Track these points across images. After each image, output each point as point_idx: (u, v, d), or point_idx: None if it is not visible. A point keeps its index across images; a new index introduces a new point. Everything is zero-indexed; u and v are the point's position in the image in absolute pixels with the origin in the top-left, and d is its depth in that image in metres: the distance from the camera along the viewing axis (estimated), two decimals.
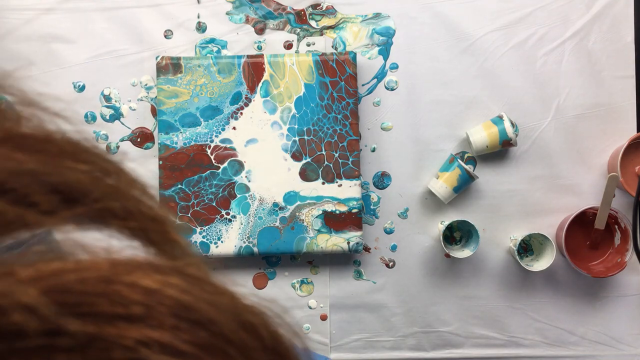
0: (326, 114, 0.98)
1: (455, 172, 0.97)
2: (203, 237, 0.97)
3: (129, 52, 1.02)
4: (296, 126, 0.98)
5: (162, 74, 0.98)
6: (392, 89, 1.02)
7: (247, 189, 0.97)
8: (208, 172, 0.97)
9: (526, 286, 1.03)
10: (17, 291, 0.16)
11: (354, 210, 0.97)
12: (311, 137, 0.98)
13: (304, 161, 0.98)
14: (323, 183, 0.98)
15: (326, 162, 0.98)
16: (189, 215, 0.97)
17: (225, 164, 0.97)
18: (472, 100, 1.02)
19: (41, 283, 0.16)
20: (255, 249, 0.97)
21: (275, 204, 0.97)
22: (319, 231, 0.97)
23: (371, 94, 1.02)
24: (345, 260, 1.02)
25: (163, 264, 0.20)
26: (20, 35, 1.02)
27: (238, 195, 0.97)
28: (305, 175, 0.98)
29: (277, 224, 0.97)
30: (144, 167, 1.01)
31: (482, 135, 0.98)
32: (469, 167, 0.98)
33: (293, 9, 1.03)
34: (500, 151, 1.01)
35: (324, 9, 1.03)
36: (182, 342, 0.17)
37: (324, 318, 1.03)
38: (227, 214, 0.97)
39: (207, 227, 0.97)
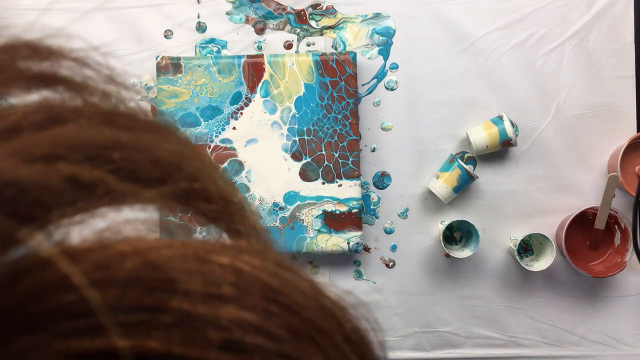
0: (326, 114, 0.98)
1: (455, 172, 0.97)
2: (203, 237, 0.97)
3: (129, 52, 1.02)
4: (296, 126, 0.98)
5: (162, 74, 0.98)
6: (392, 89, 1.02)
7: (247, 189, 0.97)
8: None
9: (526, 286, 1.02)
10: (115, 264, 0.16)
11: (354, 210, 0.97)
12: (311, 137, 0.98)
13: (304, 161, 0.98)
14: (323, 183, 0.98)
15: (326, 162, 0.98)
16: (189, 215, 0.97)
17: (225, 164, 0.97)
18: (472, 100, 1.02)
19: (138, 257, 0.16)
20: None
21: (275, 204, 0.97)
22: (319, 231, 0.97)
23: (371, 94, 1.02)
24: (345, 260, 1.02)
25: (249, 247, 0.20)
26: (20, 35, 1.02)
27: None
28: (305, 175, 0.98)
29: (277, 224, 0.97)
30: None
31: (482, 135, 0.98)
32: (469, 167, 0.98)
33: (293, 9, 1.03)
34: (500, 151, 1.01)
35: (324, 9, 1.03)
36: (274, 326, 0.17)
37: None
38: None
39: (207, 227, 0.97)
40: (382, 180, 1.02)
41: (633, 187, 0.96)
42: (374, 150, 1.02)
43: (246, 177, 0.97)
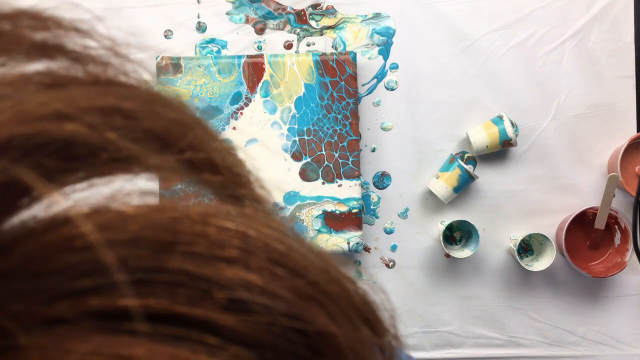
0: (326, 114, 0.98)
1: (455, 172, 0.97)
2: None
3: (128, 52, 1.02)
4: (296, 126, 0.98)
5: (162, 74, 0.98)
6: (392, 89, 1.02)
7: None
8: None
9: (526, 286, 1.02)
10: (120, 225, 0.16)
11: (354, 210, 0.97)
12: (311, 137, 0.98)
13: (304, 161, 0.98)
14: (323, 183, 0.98)
15: (326, 162, 0.98)
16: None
17: None
18: (472, 100, 1.02)
19: (142, 218, 0.16)
20: None
21: (275, 204, 0.97)
22: (319, 231, 0.97)
23: (371, 94, 1.02)
24: (345, 260, 1.02)
25: (256, 214, 0.20)
26: None
27: None
28: (305, 175, 0.98)
29: None
30: None
31: (482, 135, 0.98)
32: (469, 167, 0.98)
33: (293, 9, 1.03)
34: (500, 151, 1.01)
35: (324, 9, 1.03)
36: (280, 288, 0.17)
37: None
38: None
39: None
40: (382, 180, 1.02)
41: (633, 187, 0.96)
42: (374, 150, 1.02)
43: None
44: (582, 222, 0.99)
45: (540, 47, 1.02)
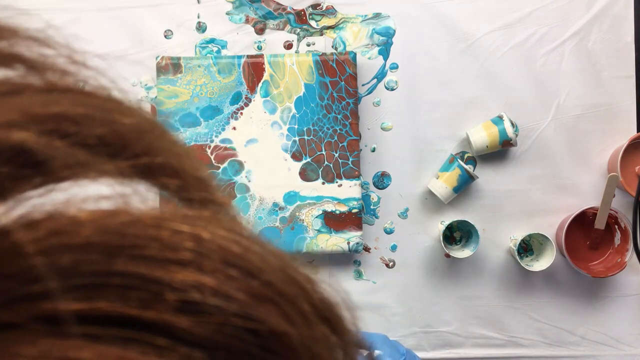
0: (326, 114, 0.98)
1: (455, 172, 0.97)
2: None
3: (129, 52, 1.02)
4: (296, 126, 0.98)
5: (162, 74, 0.98)
6: (392, 89, 1.02)
7: (247, 189, 0.97)
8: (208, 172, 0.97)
9: (526, 286, 1.02)
10: (70, 230, 0.16)
11: (354, 210, 0.97)
12: (311, 137, 0.98)
13: (304, 161, 0.98)
14: (323, 183, 0.98)
15: (326, 162, 0.98)
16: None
17: (225, 164, 0.97)
18: (472, 100, 1.02)
19: (94, 223, 0.16)
20: None
21: (275, 204, 0.97)
22: (319, 231, 0.97)
23: (371, 94, 1.02)
24: (345, 260, 1.02)
25: (212, 217, 0.20)
26: None
27: (238, 195, 0.97)
28: (305, 175, 0.98)
29: (277, 224, 0.97)
30: None
31: (482, 135, 0.98)
32: (469, 167, 0.98)
33: (293, 9, 1.03)
34: (500, 151, 1.01)
35: (324, 9, 1.03)
36: (233, 289, 0.18)
37: None
38: None
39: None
40: (382, 180, 1.02)
41: (633, 187, 0.96)
42: (374, 150, 1.02)
43: (246, 177, 0.97)
44: (582, 222, 0.99)
45: (540, 47, 1.02)
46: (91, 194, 0.18)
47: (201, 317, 0.17)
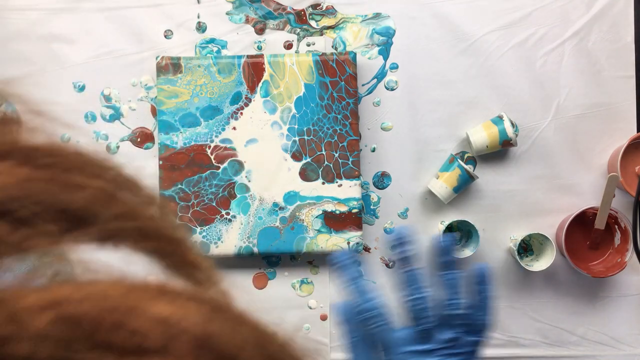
0: (326, 114, 0.98)
1: (455, 172, 0.97)
2: (203, 237, 0.97)
3: (129, 52, 1.02)
4: (296, 126, 0.98)
5: (162, 74, 0.98)
6: (392, 89, 1.02)
7: (247, 189, 0.97)
8: (208, 172, 0.97)
9: (526, 286, 1.02)
10: (27, 319, 0.15)
11: (354, 210, 0.97)
12: (311, 137, 0.98)
13: (304, 161, 0.98)
14: (323, 183, 0.98)
15: (326, 162, 0.98)
16: (189, 215, 0.97)
17: (225, 164, 0.97)
18: (472, 100, 1.02)
19: (52, 311, 0.16)
20: (255, 249, 0.97)
21: (275, 204, 0.97)
22: (319, 231, 0.97)
23: (371, 94, 1.02)
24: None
25: (182, 290, 0.19)
26: (20, 35, 1.02)
27: (238, 195, 0.97)
28: (305, 175, 0.98)
29: (277, 224, 0.97)
30: (144, 167, 1.01)
31: (482, 135, 0.98)
32: (469, 167, 0.98)
33: (293, 9, 1.03)
34: (500, 151, 1.01)
35: (324, 9, 1.03)
36: None
37: (324, 318, 1.03)
38: (227, 214, 0.97)
39: (207, 227, 0.97)
40: (382, 180, 1.02)
41: (633, 187, 0.96)
42: (374, 150, 1.02)
43: (246, 177, 0.97)
44: (582, 222, 0.99)
45: (540, 47, 1.02)
46: (49, 271, 0.17)
47: None
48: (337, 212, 0.98)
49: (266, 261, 1.02)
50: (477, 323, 0.55)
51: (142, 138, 1.02)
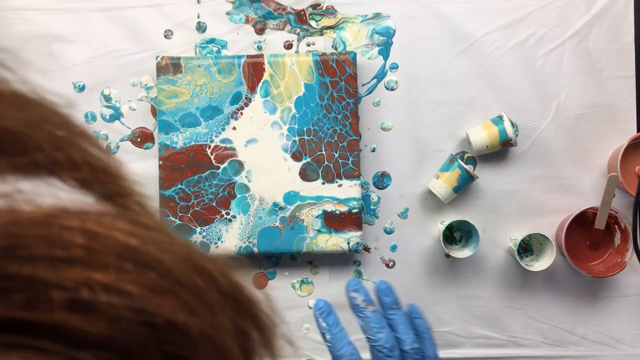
0: (326, 114, 0.98)
1: (455, 172, 0.97)
2: (203, 237, 0.97)
3: (129, 52, 1.02)
4: (296, 126, 0.98)
5: (162, 74, 0.98)
6: (392, 89, 1.02)
7: (247, 189, 0.97)
8: (208, 172, 0.97)
9: (526, 286, 1.02)
10: None
11: (354, 210, 0.97)
12: (311, 137, 0.98)
13: (304, 161, 0.98)
14: (323, 183, 0.98)
15: (326, 162, 0.98)
16: (189, 215, 0.97)
17: (225, 164, 0.97)
18: (472, 100, 1.02)
19: None
20: (255, 249, 0.97)
21: (275, 204, 0.97)
22: (319, 231, 0.97)
23: (371, 94, 1.02)
24: (345, 260, 1.02)
25: (111, 210, 0.19)
26: (20, 35, 1.02)
27: (238, 195, 0.97)
28: (305, 175, 0.98)
29: (277, 224, 0.97)
30: (144, 167, 1.01)
31: (482, 135, 0.98)
32: (469, 167, 0.98)
33: (293, 9, 1.03)
34: (500, 151, 1.01)
35: (324, 9, 1.03)
36: (126, 283, 0.17)
37: None
38: (227, 214, 0.97)
39: (207, 227, 0.97)
40: (382, 180, 1.02)
41: (633, 187, 0.96)
42: (374, 150, 1.02)
43: (246, 177, 0.97)
44: (582, 222, 0.99)
45: (540, 47, 1.02)
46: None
47: (92, 315, 0.16)
48: (337, 212, 0.98)
49: (266, 261, 1.02)
50: (427, 355, 0.60)
51: (142, 138, 1.02)
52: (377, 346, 0.58)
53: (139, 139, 1.02)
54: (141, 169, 1.01)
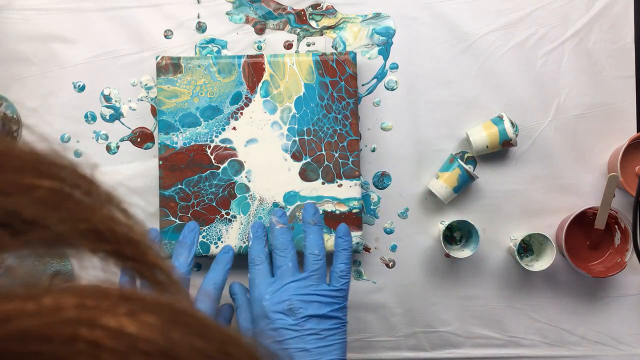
0: (326, 114, 0.98)
1: (455, 172, 0.97)
2: (203, 237, 0.97)
3: (129, 52, 1.02)
4: (296, 126, 0.98)
5: (162, 74, 0.98)
6: (392, 89, 1.02)
7: (247, 189, 0.97)
8: (208, 172, 0.97)
9: (526, 286, 1.02)
10: None
11: (354, 211, 0.97)
12: (311, 137, 0.98)
13: (304, 161, 0.98)
14: (323, 183, 0.98)
15: (326, 162, 0.98)
16: (189, 215, 0.97)
17: (225, 164, 0.97)
18: (472, 100, 1.02)
19: (6, 326, 0.15)
20: None
21: (275, 204, 0.97)
22: None
23: (371, 94, 1.02)
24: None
25: (140, 296, 0.18)
26: (20, 35, 1.02)
27: (238, 195, 0.97)
28: (305, 175, 0.98)
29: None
30: (144, 167, 1.01)
31: (482, 135, 0.98)
32: (469, 167, 0.98)
33: (293, 9, 1.03)
34: (500, 151, 1.01)
35: (324, 9, 1.03)
36: None
37: None
38: (227, 214, 0.97)
39: (207, 227, 0.97)
40: (382, 180, 1.02)
41: (633, 187, 0.96)
42: (374, 150, 1.02)
43: (246, 177, 0.97)
44: (582, 222, 0.99)
45: (540, 47, 1.02)
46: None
47: None
48: (337, 212, 0.98)
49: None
50: (333, 270, 0.84)
51: (142, 138, 1.02)
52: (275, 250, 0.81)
53: (139, 139, 1.02)
54: (141, 169, 1.01)
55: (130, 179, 1.01)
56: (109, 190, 0.20)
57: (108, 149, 1.02)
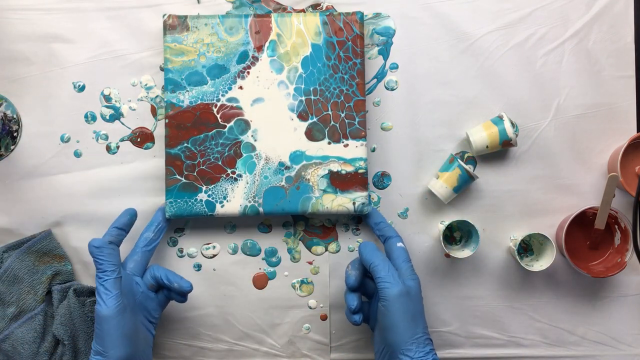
0: (333, 73, 0.98)
1: (455, 172, 0.97)
2: (209, 196, 0.96)
3: (129, 52, 1.02)
4: (303, 86, 0.98)
5: (169, 32, 0.98)
6: (392, 89, 1.02)
7: (253, 148, 0.97)
8: (214, 130, 0.97)
9: (526, 286, 1.03)
10: None
11: (360, 171, 0.97)
12: (317, 97, 0.98)
13: (310, 121, 0.98)
14: (329, 143, 0.97)
15: (332, 122, 0.98)
16: (195, 173, 0.97)
17: (232, 123, 0.97)
18: (472, 100, 1.02)
19: None
20: (261, 209, 0.96)
21: (281, 164, 0.97)
22: (324, 191, 0.97)
23: (371, 94, 1.02)
24: (346, 261, 1.02)
25: None
26: (20, 35, 1.02)
27: (244, 155, 0.97)
28: (312, 135, 0.98)
29: (283, 183, 0.97)
30: (144, 167, 1.01)
31: (482, 135, 0.98)
32: (469, 167, 0.98)
33: (293, 9, 1.03)
34: (500, 151, 1.01)
35: (324, 9, 1.03)
36: None
37: (324, 318, 1.03)
38: (233, 173, 0.97)
39: (212, 186, 0.97)
40: (382, 180, 1.02)
41: (633, 187, 0.96)
42: (373, 150, 1.02)
43: (252, 136, 0.97)
44: (582, 222, 0.99)
45: (540, 47, 1.02)
46: None
47: None
48: (343, 172, 0.97)
49: (266, 261, 1.02)
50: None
51: (142, 138, 1.02)
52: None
53: (139, 139, 1.02)
54: (141, 169, 1.01)
55: (130, 179, 1.01)
56: None
57: (108, 149, 1.02)
